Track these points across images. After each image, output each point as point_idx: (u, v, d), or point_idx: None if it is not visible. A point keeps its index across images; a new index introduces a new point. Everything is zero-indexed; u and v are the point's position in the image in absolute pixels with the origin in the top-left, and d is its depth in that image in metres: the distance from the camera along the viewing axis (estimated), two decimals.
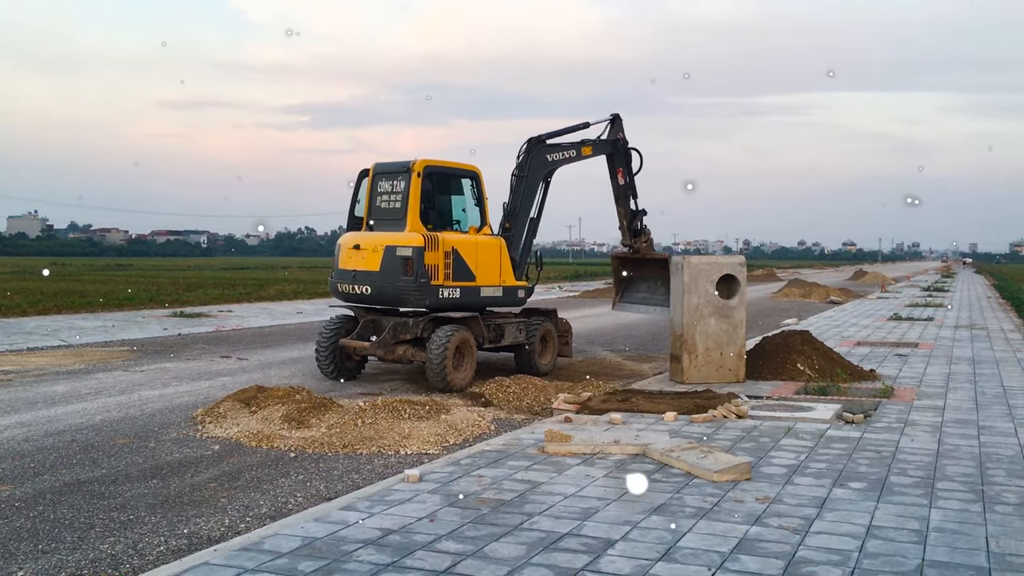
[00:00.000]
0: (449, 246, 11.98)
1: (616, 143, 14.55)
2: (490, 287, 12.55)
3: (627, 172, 14.68)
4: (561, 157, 13.89)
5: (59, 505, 6.54)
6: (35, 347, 16.40)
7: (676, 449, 7.31)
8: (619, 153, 14.62)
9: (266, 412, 9.34)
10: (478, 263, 12.38)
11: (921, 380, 12.13)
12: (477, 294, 12.39)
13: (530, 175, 13.37)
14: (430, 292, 11.76)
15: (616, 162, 14.63)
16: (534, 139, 13.49)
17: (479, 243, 12.50)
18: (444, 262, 11.88)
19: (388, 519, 5.67)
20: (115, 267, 70.51)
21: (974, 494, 6.35)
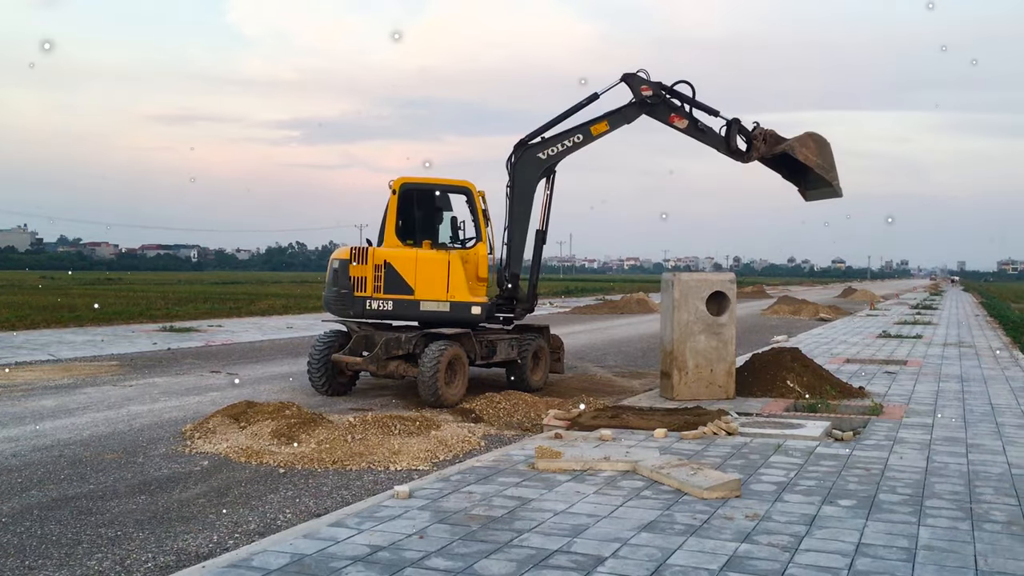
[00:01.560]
0: (381, 259, 12.40)
1: (644, 101, 12.85)
2: (433, 302, 12.46)
3: (681, 112, 12.93)
4: (560, 149, 12.89)
5: (46, 521, 6.50)
6: (23, 361, 16.31)
7: (666, 466, 7.32)
8: (659, 105, 12.88)
9: (256, 427, 9.31)
10: (417, 277, 12.45)
11: (910, 398, 12.18)
12: (416, 308, 12.46)
13: (519, 184, 12.89)
14: (353, 303, 12.36)
15: (661, 113, 12.92)
16: (518, 143, 12.98)
17: (419, 257, 12.51)
18: (374, 275, 12.36)
19: (378, 536, 5.66)
20: (105, 281, 70.24)
21: (963, 512, 6.37)
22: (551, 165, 13.07)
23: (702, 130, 12.94)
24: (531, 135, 12.94)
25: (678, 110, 12.91)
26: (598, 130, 12.84)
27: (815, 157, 12.61)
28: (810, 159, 12.61)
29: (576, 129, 12.87)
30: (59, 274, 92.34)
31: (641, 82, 12.82)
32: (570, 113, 12.83)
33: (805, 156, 12.59)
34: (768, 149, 12.84)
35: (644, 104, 12.82)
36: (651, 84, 12.84)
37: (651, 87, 12.81)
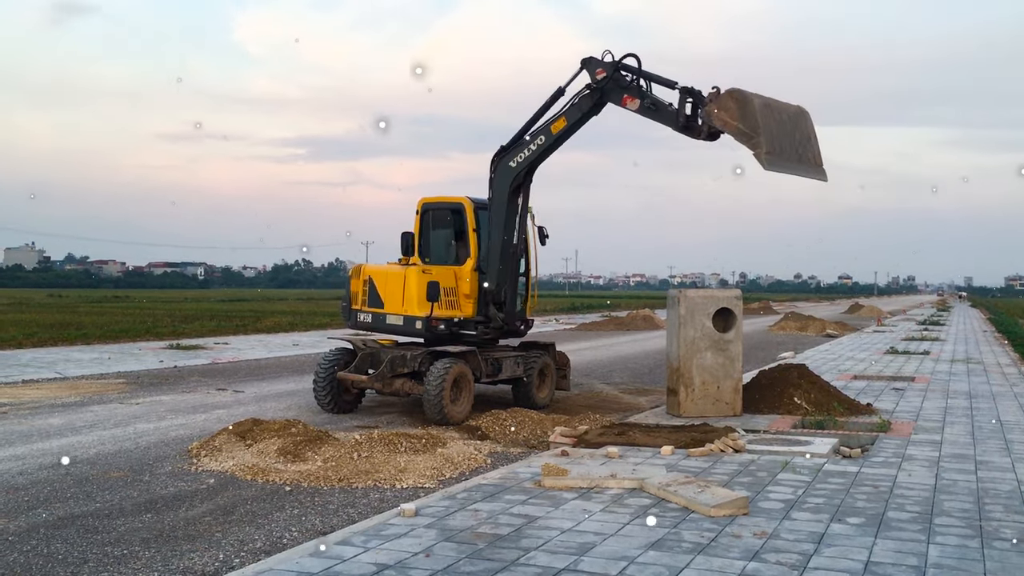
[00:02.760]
0: (366, 275, 13.16)
1: (600, 84, 11.79)
2: (393, 315, 12.75)
3: (633, 91, 11.74)
4: (527, 154, 12.29)
5: (53, 539, 6.50)
6: (31, 379, 16.34)
7: (673, 483, 7.29)
8: (612, 88, 11.81)
9: (262, 445, 9.30)
10: (386, 292, 12.82)
11: (918, 414, 12.12)
12: (383, 321, 12.90)
13: (495, 195, 12.62)
14: (349, 314, 13.33)
15: (615, 96, 11.85)
16: (496, 153, 12.53)
17: (388, 273, 12.94)
18: (363, 289, 13.14)
19: (384, 554, 5.64)
20: (112, 299, 70.43)
21: (972, 530, 6.33)
22: (522, 172, 12.45)
23: (653, 107, 11.64)
24: (509, 142, 12.51)
25: (630, 89, 11.73)
26: (557, 128, 12.11)
27: (734, 121, 10.69)
28: (728, 124, 10.77)
29: (538, 130, 12.29)
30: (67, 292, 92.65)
31: (597, 65, 11.84)
32: (541, 114, 12.26)
33: (722, 121, 10.83)
34: (729, 116, 10.98)
35: (596, 89, 11.84)
36: (605, 65, 11.80)
37: (605, 68, 11.77)
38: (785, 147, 10.88)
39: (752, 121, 10.60)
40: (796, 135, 11.05)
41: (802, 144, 11.09)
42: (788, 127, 10.98)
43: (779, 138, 10.80)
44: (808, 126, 11.30)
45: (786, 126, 10.96)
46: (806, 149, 11.12)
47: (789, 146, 10.94)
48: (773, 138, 10.68)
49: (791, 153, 10.96)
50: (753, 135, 10.56)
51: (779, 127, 10.87)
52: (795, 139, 11.01)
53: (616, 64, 11.78)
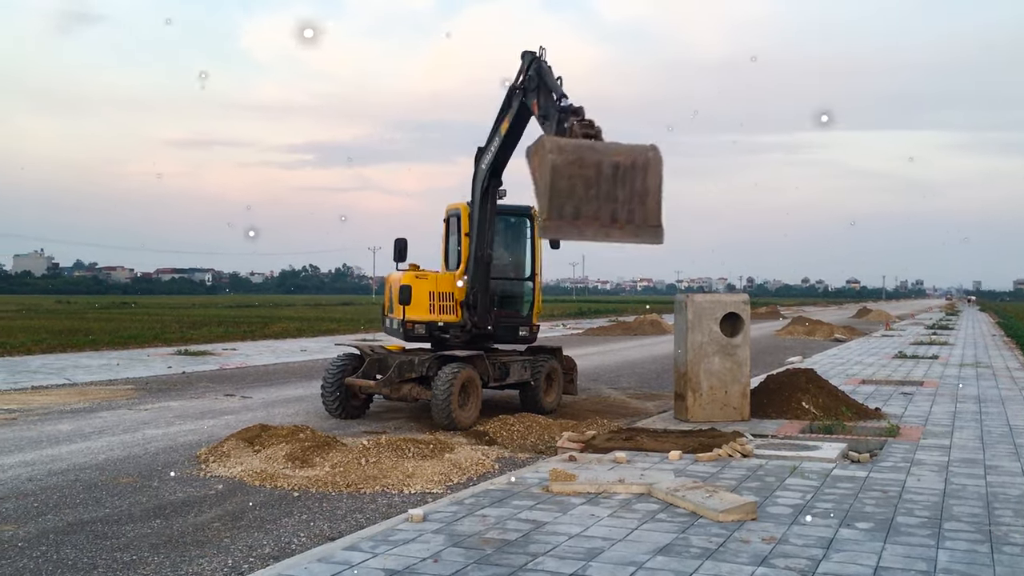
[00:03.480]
0: (390, 283, 13.66)
1: (524, 86, 11.24)
2: (394, 319, 13.28)
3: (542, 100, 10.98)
4: (489, 157, 12.11)
5: (62, 545, 6.52)
6: (40, 385, 16.41)
7: (681, 488, 7.28)
8: (530, 91, 11.18)
9: (270, 451, 9.32)
10: (392, 298, 13.36)
11: (927, 419, 12.08)
12: (390, 324, 13.58)
13: (472, 198, 12.69)
14: (383, 318, 14.10)
15: (529, 100, 11.23)
16: (475, 156, 12.50)
17: (390, 279, 13.64)
18: (388, 295, 13.77)
19: (392, 559, 5.65)
20: (120, 305, 70.67)
21: (982, 534, 6.31)
22: (486, 175, 12.25)
23: (544, 119, 10.94)
24: (486, 143, 12.33)
25: (537, 96, 11.10)
26: (504, 129, 11.79)
27: (534, 173, 9.70)
28: (532, 175, 9.75)
29: (493, 132, 12.05)
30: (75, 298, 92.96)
31: (526, 63, 11.28)
32: (502, 113, 11.79)
33: (531, 171, 9.81)
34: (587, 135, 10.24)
35: (515, 90, 11.37)
36: (529, 64, 11.23)
37: (529, 71, 11.19)
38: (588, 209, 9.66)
39: (544, 181, 9.59)
40: (619, 193, 9.71)
41: (629, 203, 9.71)
42: (606, 185, 9.67)
43: (582, 200, 9.63)
44: (650, 179, 9.80)
45: (602, 184, 9.67)
46: (634, 208, 9.73)
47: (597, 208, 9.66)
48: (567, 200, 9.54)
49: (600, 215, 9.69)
50: (540, 196, 9.64)
51: (586, 185, 9.64)
52: (616, 198, 9.68)
53: (527, 68, 11.30)
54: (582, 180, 9.57)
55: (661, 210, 9.68)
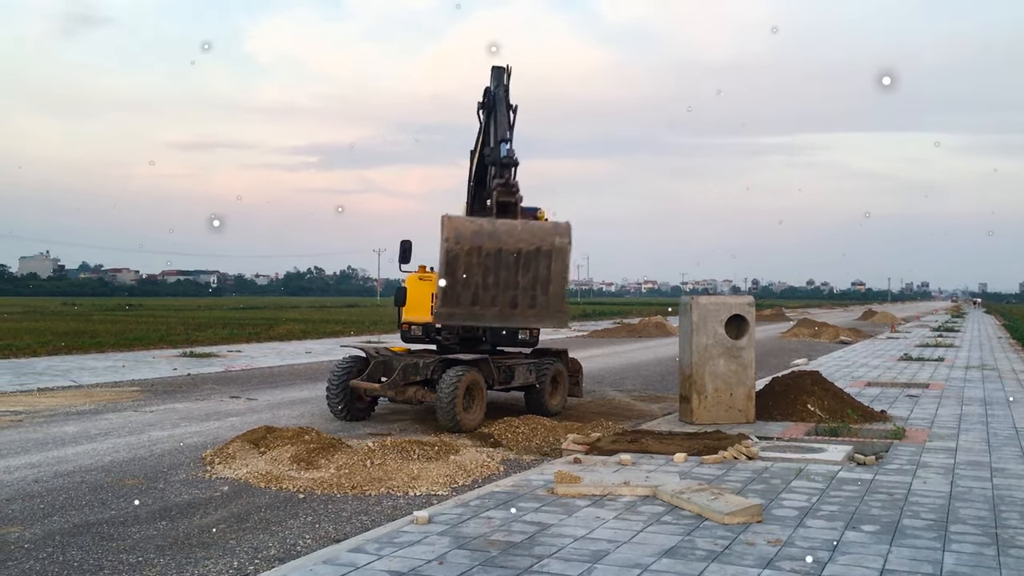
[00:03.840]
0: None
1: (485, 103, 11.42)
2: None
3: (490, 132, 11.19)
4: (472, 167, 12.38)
5: (68, 547, 6.54)
6: (46, 387, 16.45)
7: (686, 491, 7.27)
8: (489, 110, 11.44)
9: (275, 453, 9.33)
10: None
11: (933, 421, 12.06)
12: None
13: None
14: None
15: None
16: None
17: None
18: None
19: (397, 561, 5.65)
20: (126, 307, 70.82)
21: (988, 537, 6.29)
22: (474, 183, 12.37)
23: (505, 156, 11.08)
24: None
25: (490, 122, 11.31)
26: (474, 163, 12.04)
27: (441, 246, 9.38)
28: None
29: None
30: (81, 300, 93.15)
31: (497, 77, 11.35)
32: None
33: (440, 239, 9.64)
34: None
35: (480, 106, 11.54)
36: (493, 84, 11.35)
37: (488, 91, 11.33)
38: (486, 297, 9.49)
39: (440, 265, 9.39)
40: (521, 280, 9.45)
41: (532, 289, 9.44)
42: (506, 273, 9.41)
43: (480, 288, 9.47)
44: (555, 266, 9.51)
45: (502, 272, 9.41)
46: (537, 295, 9.45)
47: (495, 295, 9.49)
48: (464, 288, 9.43)
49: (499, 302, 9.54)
50: (438, 277, 9.51)
51: (484, 273, 9.46)
52: (517, 284, 9.39)
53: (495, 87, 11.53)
54: (481, 268, 9.38)
55: (565, 296, 9.44)
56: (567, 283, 9.28)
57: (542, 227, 9.37)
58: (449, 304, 9.44)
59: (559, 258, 9.25)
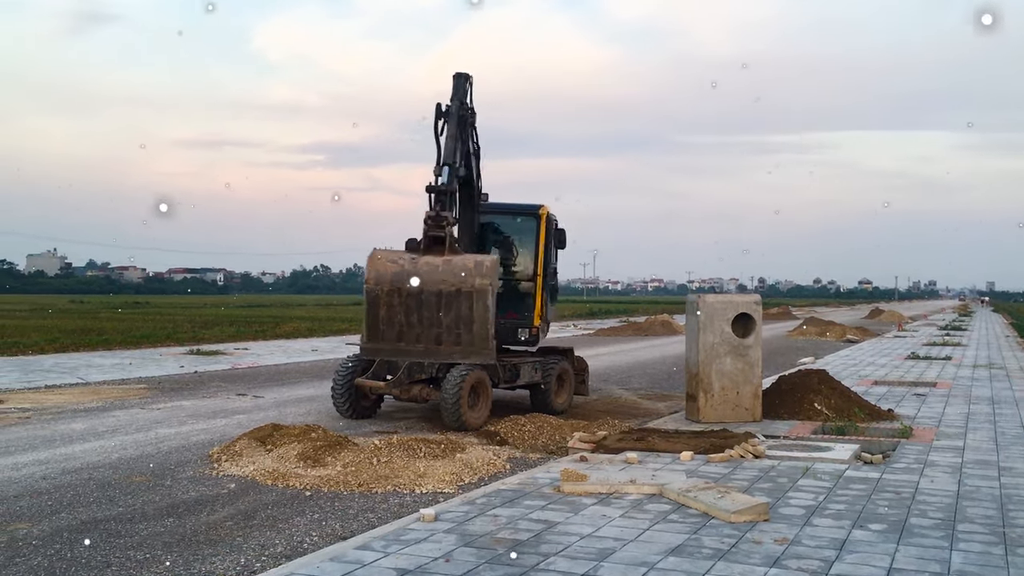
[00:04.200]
0: None
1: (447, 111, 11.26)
2: None
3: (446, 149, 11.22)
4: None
5: (76, 543, 6.56)
6: (53, 385, 16.50)
7: (693, 489, 7.27)
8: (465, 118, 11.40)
9: (282, 450, 9.35)
10: None
11: (940, 420, 12.03)
12: None
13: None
14: None
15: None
16: None
17: None
18: None
19: (404, 559, 5.66)
20: (133, 305, 71.00)
21: (995, 536, 6.27)
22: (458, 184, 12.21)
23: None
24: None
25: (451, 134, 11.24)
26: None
27: None
28: None
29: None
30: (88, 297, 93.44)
31: (455, 88, 11.21)
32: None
33: None
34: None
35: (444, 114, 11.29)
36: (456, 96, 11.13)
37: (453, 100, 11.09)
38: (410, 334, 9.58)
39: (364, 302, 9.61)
40: (444, 318, 9.65)
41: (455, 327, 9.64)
42: (428, 312, 9.58)
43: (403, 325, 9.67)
44: (476, 307, 9.66)
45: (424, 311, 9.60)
46: (461, 333, 9.66)
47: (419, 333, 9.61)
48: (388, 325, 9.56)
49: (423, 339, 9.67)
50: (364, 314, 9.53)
51: (407, 311, 9.67)
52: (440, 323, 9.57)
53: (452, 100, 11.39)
54: (403, 308, 9.55)
55: (489, 335, 9.47)
56: (490, 321, 9.35)
57: (464, 266, 9.39)
58: (374, 340, 9.67)
59: (480, 298, 9.39)
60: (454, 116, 10.95)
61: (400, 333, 9.58)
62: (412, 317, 9.46)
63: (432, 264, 9.44)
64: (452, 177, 10.54)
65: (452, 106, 11.09)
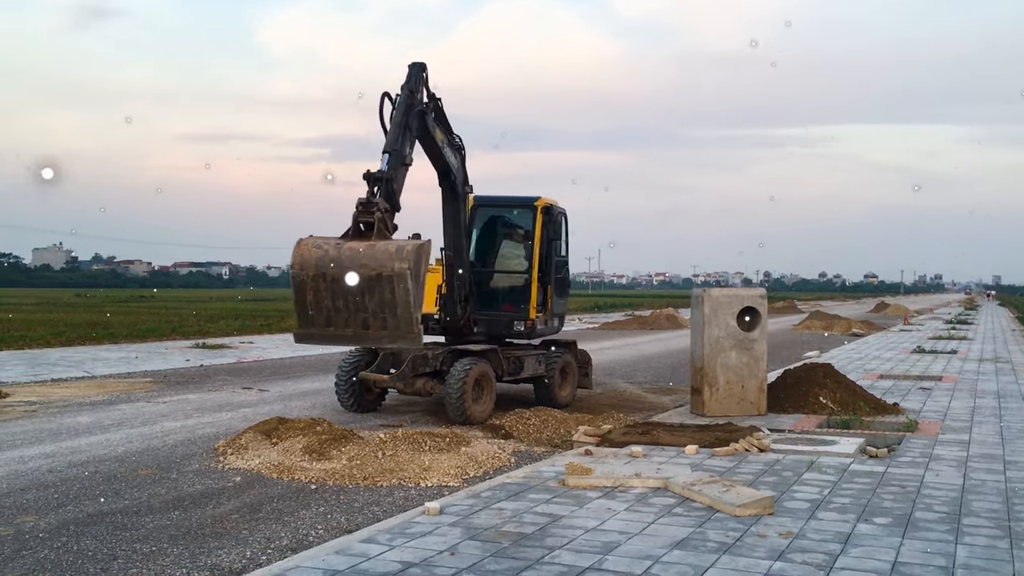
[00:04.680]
0: None
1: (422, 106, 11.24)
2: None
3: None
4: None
5: (82, 536, 6.58)
6: (59, 378, 16.55)
7: (698, 483, 7.27)
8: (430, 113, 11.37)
9: (287, 444, 9.37)
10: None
11: (945, 414, 12.01)
12: None
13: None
14: None
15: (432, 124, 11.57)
16: None
17: None
18: None
19: (409, 552, 5.67)
20: (138, 298, 71.14)
21: (1001, 530, 6.27)
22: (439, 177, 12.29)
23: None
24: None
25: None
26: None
27: None
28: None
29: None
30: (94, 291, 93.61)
31: (409, 77, 11.02)
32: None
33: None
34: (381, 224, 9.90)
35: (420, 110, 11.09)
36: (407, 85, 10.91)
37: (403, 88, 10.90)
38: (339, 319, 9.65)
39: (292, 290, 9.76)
40: (369, 303, 9.55)
41: (380, 312, 9.52)
42: (352, 297, 9.54)
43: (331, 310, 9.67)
44: (398, 292, 9.49)
45: (349, 296, 9.55)
46: (386, 318, 9.54)
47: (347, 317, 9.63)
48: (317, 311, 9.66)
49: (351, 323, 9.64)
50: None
51: (333, 296, 9.63)
52: (365, 308, 9.52)
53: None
54: (328, 293, 9.62)
55: (413, 319, 9.40)
56: (413, 306, 9.33)
57: (385, 251, 9.42)
58: (305, 325, 9.80)
59: (400, 282, 9.37)
60: (402, 104, 10.88)
61: (329, 318, 9.69)
62: (338, 302, 9.55)
63: (355, 249, 9.52)
64: (396, 165, 10.45)
65: (401, 94, 10.99)
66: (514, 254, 13.58)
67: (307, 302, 9.69)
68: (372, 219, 9.78)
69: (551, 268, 13.28)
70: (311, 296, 9.69)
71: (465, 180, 12.40)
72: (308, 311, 9.75)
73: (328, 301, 9.66)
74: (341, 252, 9.60)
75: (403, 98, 10.85)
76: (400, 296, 9.38)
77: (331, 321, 9.73)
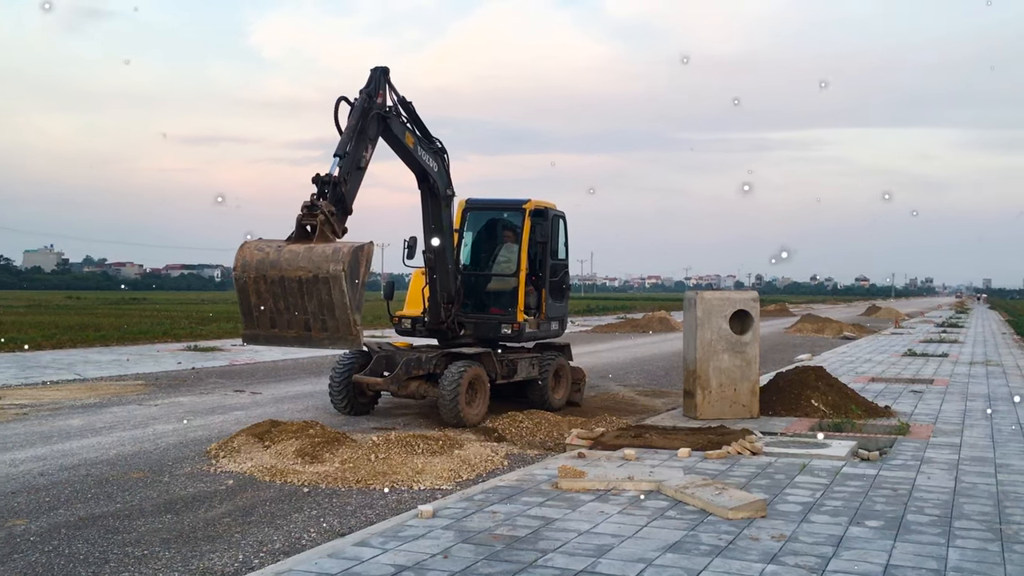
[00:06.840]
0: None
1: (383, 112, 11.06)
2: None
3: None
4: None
5: (74, 539, 6.56)
6: (50, 381, 16.48)
7: (690, 485, 7.28)
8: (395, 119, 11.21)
9: (280, 447, 9.35)
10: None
11: (937, 417, 12.05)
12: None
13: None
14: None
15: (398, 129, 11.37)
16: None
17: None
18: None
19: (402, 555, 5.67)
20: (130, 301, 70.91)
21: (992, 533, 6.29)
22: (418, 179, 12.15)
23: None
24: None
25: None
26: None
27: None
28: None
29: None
30: (85, 293, 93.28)
31: (369, 81, 10.95)
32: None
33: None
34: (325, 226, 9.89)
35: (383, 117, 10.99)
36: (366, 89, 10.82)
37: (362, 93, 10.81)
38: (282, 320, 9.76)
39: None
40: (308, 305, 9.63)
41: (320, 314, 9.60)
42: (293, 299, 9.65)
43: (275, 312, 9.78)
44: (335, 293, 9.52)
45: (290, 297, 9.66)
46: (326, 319, 9.61)
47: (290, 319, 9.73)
48: (261, 313, 9.78)
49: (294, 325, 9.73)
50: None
51: (274, 297, 9.73)
52: (305, 309, 9.61)
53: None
54: (270, 294, 9.76)
55: (352, 321, 9.43)
56: (350, 308, 9.40)
57: (322, 254, 9.50)
58: (250, 327, 9.94)
59: (336, 284, 9.46)
60: (357, 109, 10.75)
61: (273, 320, 9.81)
62: (280, 304, 9.67)
63: (294, 252, 9.61)
64: (349, 168, 10.41)
65: (359, 98, 10.84)
66: (505, 257, 13.55)
67: (251, 304, 9.78)
68: (315, 222, 9.83)
69: (545, 271, 13.24)
70: (254, 299, 9.78)
71: (448, 183, 12.34)
72: (253, 313, 9.84)
73: (271, 303, 9.76)
74: (281, 255, 9.68)
75: (359, 102, 10.78)
76: (337, 297, 9.43)
77: (275, 322, 9.84)
